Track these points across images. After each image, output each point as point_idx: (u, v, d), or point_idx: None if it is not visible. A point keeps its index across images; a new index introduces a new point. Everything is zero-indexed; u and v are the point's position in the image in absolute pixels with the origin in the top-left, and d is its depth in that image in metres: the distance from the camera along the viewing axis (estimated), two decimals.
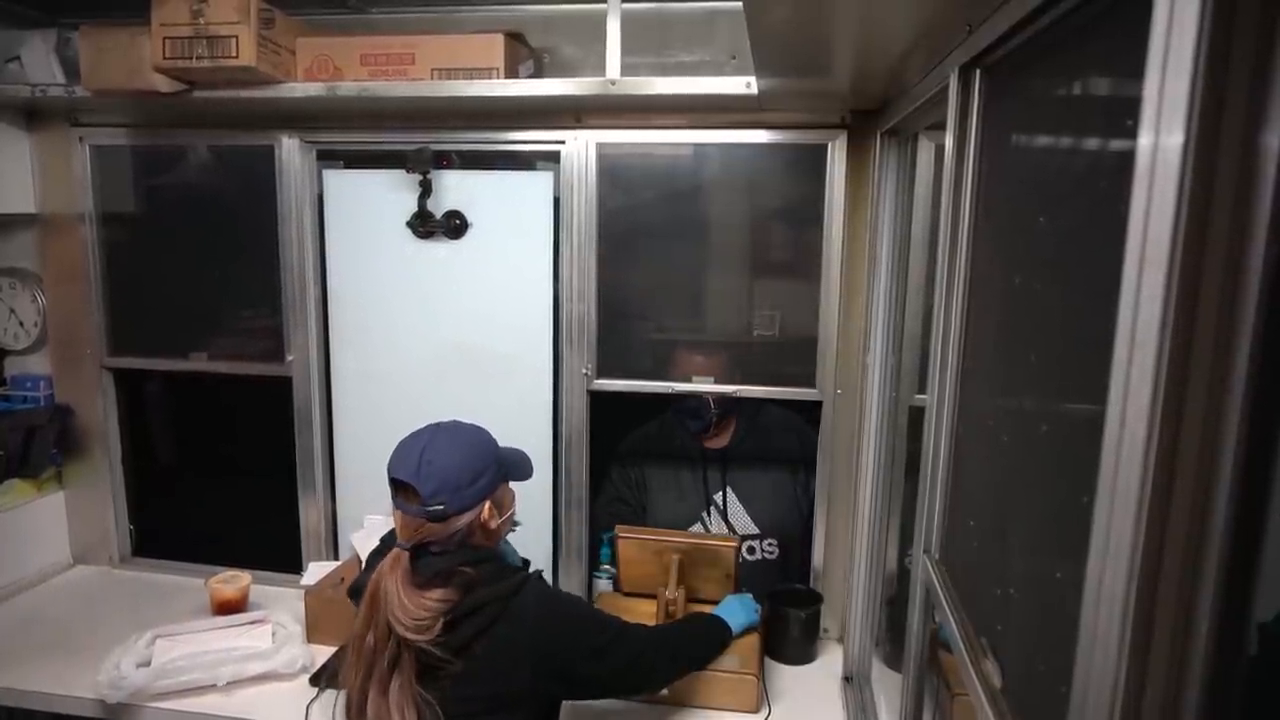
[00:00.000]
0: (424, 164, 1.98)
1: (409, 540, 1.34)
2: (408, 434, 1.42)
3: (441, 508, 1.33)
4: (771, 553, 2.17)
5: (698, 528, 2.17)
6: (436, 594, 1.33)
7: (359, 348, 2.18)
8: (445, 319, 2.13)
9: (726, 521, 2.16)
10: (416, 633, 1.29)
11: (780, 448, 2.19)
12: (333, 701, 1.72)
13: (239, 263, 2.20)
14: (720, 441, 2.21)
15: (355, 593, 1.42)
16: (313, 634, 1.94)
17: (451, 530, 1.35)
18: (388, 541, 1.42)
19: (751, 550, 2.16)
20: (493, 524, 1.41)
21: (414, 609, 1.30)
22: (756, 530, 2.16)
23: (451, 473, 1.34)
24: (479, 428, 1.45)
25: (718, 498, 2.18)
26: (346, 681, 1.37)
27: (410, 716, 1.30)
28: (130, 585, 2.30)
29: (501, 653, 1.34)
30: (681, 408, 2.17)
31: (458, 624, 1.32)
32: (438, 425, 1.43)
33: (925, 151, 1.62)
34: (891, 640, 1.84)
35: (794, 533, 2.15)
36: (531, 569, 1.47)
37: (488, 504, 1.40)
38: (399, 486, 1.36)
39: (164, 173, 2.25)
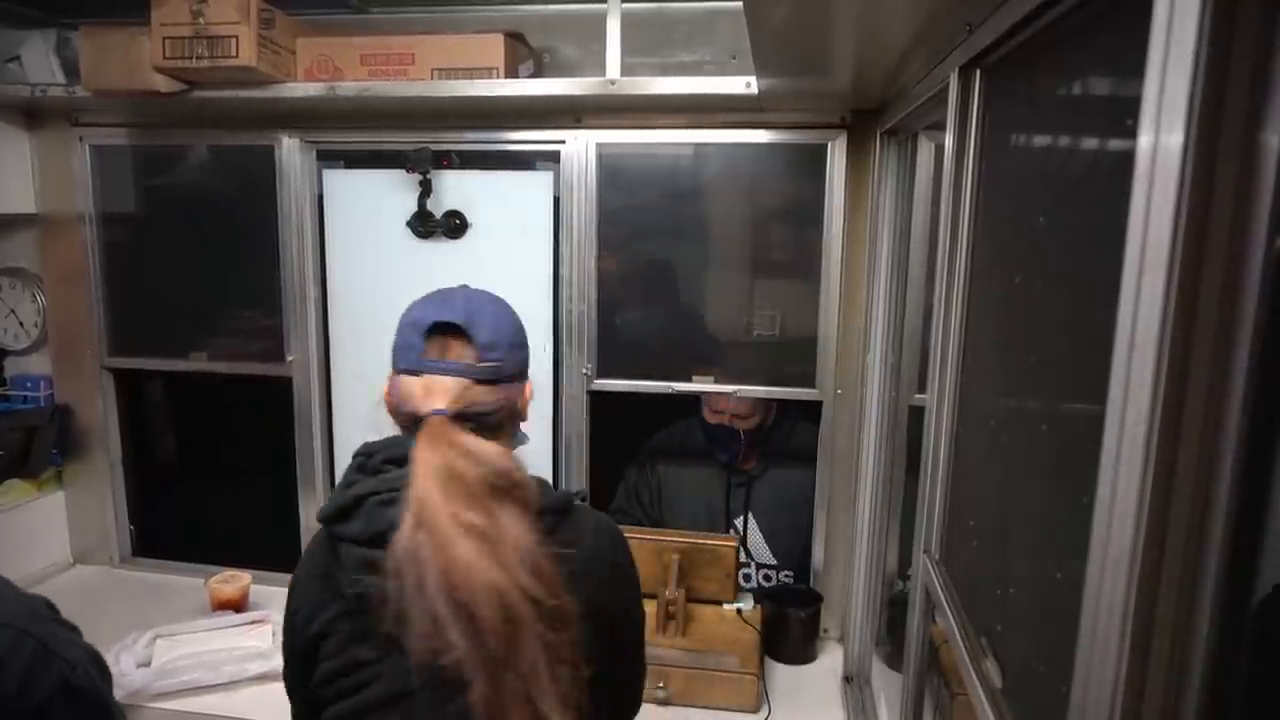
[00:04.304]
0: (424, 164, 1.99)
1: (450, 408, 1.03)
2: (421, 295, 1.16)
3: (497, 364, 1.06)
4: (788, 583, 2.13)
5: None
6: None
7: (359, 348, 2.18)
8: None
9: (745, 548, 2.12)
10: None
11: (809, 472, 2.10)
12: None
13: (239, 263, 2.20)
14: (748, 463, 2.17)
15: (337, 516, 1.01)
16: None
17: (492, 406, 1.06)
18: (365, 465, 1.06)
19: (768, 578, 2.14)
20: (524, 415, 1.15)
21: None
22: (774, 562, 2.13)
23: (504, 329, 1.09)
24: None
25: (738, 522, 2.14)
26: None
27: None
28: (130, 585, 2.30)
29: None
30: (713, 436, 2.14)
31: None
32: (463, 285, 1.17)
33: (925, 151, 1.62)
34: (891, 640, 1.84)
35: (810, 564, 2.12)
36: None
37: (529, 384, 1.14)
38: (443, 334, 1.07)
39: (164, 173, 2.25)
